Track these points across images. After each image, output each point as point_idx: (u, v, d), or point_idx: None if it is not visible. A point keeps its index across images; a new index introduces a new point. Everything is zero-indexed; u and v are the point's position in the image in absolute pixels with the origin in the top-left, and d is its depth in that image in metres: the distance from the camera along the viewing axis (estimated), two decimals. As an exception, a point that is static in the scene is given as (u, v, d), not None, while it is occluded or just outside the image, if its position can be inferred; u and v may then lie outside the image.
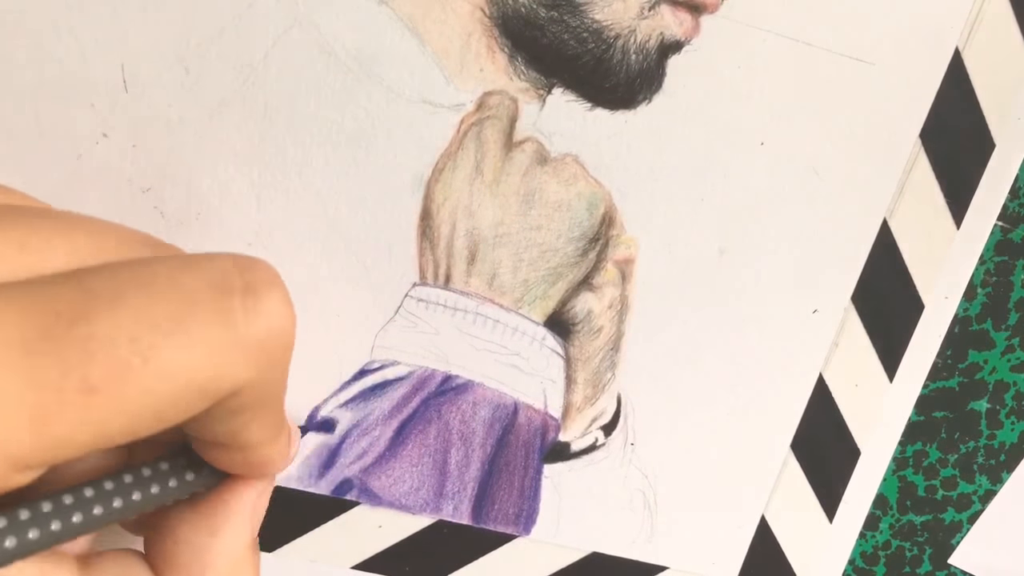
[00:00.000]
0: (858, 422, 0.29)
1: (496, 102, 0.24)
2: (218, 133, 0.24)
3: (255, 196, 0.24)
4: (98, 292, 0.13)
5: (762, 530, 0.30)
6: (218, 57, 0.23)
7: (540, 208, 0.25)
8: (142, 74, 0.23)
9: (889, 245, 0.27)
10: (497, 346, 0.27)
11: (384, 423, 0.27)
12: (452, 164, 0.25)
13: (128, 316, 0.13)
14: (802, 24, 0.24)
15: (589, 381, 0.28)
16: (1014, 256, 0.28)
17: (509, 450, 0.28)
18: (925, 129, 0.26)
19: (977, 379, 0.29)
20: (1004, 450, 0.31)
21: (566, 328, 0.27)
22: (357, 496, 0.28)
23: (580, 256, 0.26)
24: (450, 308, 0.26)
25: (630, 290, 0.27)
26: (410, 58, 0.24)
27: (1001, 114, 0.26)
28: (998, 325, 0.29)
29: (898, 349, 0.29)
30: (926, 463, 0.30)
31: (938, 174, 0.27)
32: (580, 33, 0.24)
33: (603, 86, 0.25)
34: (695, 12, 0.24)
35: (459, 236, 0.25)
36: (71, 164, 0.24)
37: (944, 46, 0.25)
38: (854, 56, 0.25)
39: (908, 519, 0.31)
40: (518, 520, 0.29)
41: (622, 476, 0.29)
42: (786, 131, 0.25)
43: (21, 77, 0.23)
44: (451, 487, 0.28)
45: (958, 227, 0.27)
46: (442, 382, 0.27)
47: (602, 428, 0.28)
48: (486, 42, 0.24)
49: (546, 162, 0.25)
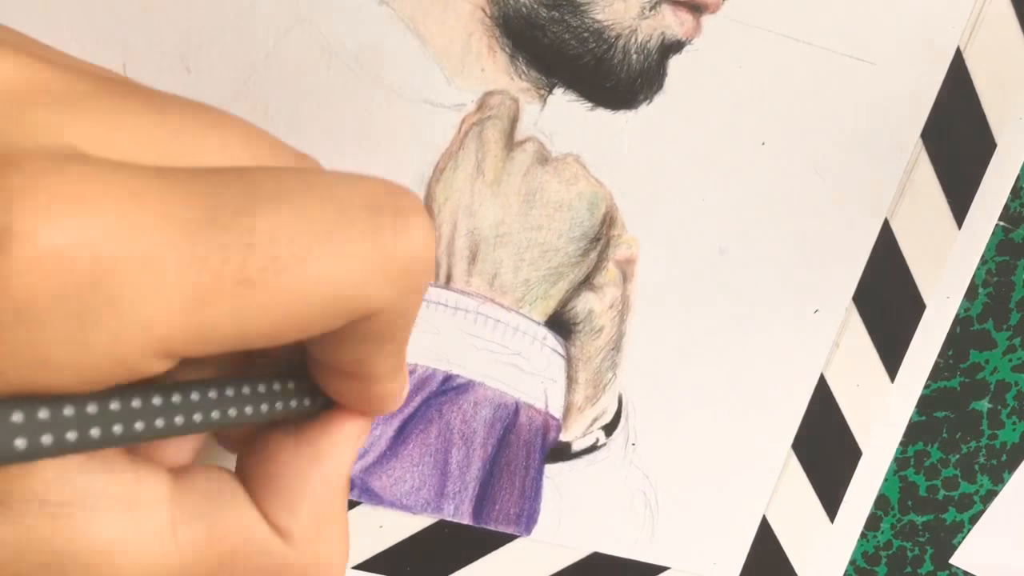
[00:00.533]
0: (859, 422, 0.29)
1: (497, 102, 0.24)
2: (219, 133, 0.24)
3: (256, 196, 0.24)
4: (262, 189, 0.13)
5: (763, 530, 0.30)
6: (219, 57, 0.23)
7: (541, 208, 0.25)
8: (142, 74, 0.23)
9: (890, 245, 0.27)
10: (498, 346, 0.27)
11: (385, 422, 0.27)
12: (453, 164, 0.25)
13: (289, 216, 0.13)
14: (803, 24, 0.24)
15: (590, 381, 0.28)
16: (1015, 256, 0.28)
17: (510, 450, 0.28)
18: (926, 129, 0.26)
19: (979, 379, 0.29)
20: (1006, 450, 0.31)
21: (567, 328, 0.27)
22: (358, 496, 0.28)
23: (581, 256, 0.26)
24: (451, 308, 0.26)
25: (631, 290, 0.27)
26: (411, 58, 0.24)
27: (1002, 114, 0.26)
28: (1000, 325, 0.29)
29: (899, 349, 0.29)
30: (927, 463, 0.30)
31: (939, 174, 0.27)
32: (581, 33, 0.24)
33: (604, 86, 0.25)
34: (696, 12, 0.24)
35: (460, 236, 0.25)
36: (72, 164, 0.24)
37: (945, 46, 0.25)
38: (855, 56, 0.25)
39: (909, 519, 0.31)
40: (519, 520, 0.29)
41: (623, 476, 0.29)
42: (787, 131, 0.25)
43: (22, 77, 0.23)
44: (452, 487, 0.28)
45: (959, 227, 0.27)
46: (443, 382, 0.27)
47: (603, 428, 0.28)
48: (487, 42, 0.24)
49: (547, 162, 0.25)
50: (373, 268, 0.14)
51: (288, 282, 0.13)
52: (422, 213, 0.15)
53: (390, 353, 0.17)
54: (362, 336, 0.15)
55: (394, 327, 0.16)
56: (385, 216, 0.14)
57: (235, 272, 0.13)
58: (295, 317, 0.14)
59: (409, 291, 0.15)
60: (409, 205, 0.15)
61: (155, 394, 0.14)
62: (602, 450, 0.28)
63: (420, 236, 0.15)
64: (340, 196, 0.14)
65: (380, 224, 0.14)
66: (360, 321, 0.15)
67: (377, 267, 0.14)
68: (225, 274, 0.12)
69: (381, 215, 0.14)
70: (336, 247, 0.14)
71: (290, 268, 0.13)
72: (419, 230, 0.15)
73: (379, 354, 0.16)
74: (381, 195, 0.15)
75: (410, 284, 0.15)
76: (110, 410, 0.13)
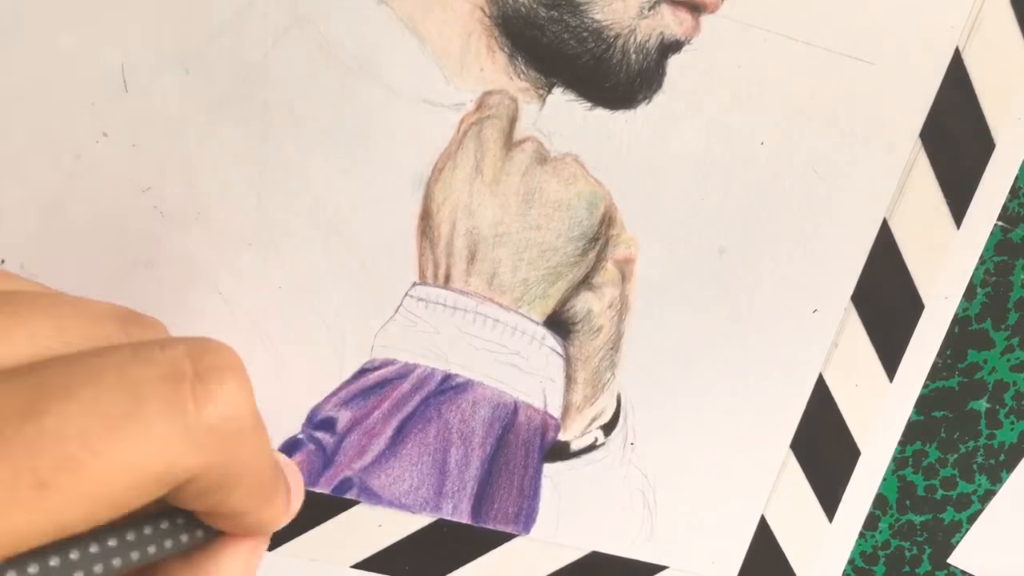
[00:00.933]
0: (858, 422, 0.29)
1: (496, 101, 0.24)
2: (218, 133, 0.24)
3: (255, 196, 0.24)
4: (49, 387, 0.14)
5: (762, 529, 0.30)
6: (218, 57, 0.23)
7: (540, 207, 0.25)
8: (142, 74, 0.23)
9: (889, 245, 0.27)
10: (497, 345, 0.27)
11: (384, 422, 0.27)
12: (452, 164, 0.25)
13: (77, 411, 0.13)
14: (802, 24, 0.24)
15: (589, 380, 0.28)
16: (1014, 256, 0.28)
17: (509, 449, 0.28)
18: (925, 129, 0.26)
19: (977, 379, 0.29)
20: (1003, 450, 0.31)
21: (566, 327, 0.27)
22: (357, 495, 0.28)
23: (580, 255, 0.26)
24: (450, 307, 0.26)
25: (630, 290, 0.27)
26: (410, 58, 0.24)
27: (1001, 114, 0.26)
28: (998, 325, 0.29)
29: (898, 349, 0.29)
30: (926, 463, 0.30)
31: (938, 174, 0.27)
32: (580, 33, 0.24)
33: (603, 85, 0.25)
34: (695, 12, 0.24)
35: (459, 235, 0.25)
36: (71, 164, 0.24)
37: (944, 46, 0.25)
38: (854, 56, 0.25)
39: (908, 519, 0.31)
40: (518, 519, 0.29)
41: (622, 475, 0.29)
42: (786, 131, 0.25)
43: (21, 77, 0.23)
44: (451, 486, 0.28)
45: (958, 227, 0.27)
46: (442, 381, 0.27)
47: (602, 427, 0.28)
48: (486, 42, 0.24)
49: (546, 161, 0.25)
50: (175, 441, 0.14)
51: (86, 477, 0.13)
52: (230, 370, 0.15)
53: (243, 495, 0.17)
54: (199, 492, 0.15)
55: (230, 478, 0.16)
56: (185, 385, 0.14)
57: (29, 480, 0.13)
58: (106, 502, 0.14)
59: (226, 449, 0.15)
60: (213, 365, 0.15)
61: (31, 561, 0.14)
62: (601, 449, 0.28)
63: (227, 396, 0.15)
64: (133, 376, 0.14)
65: (179, 396, 0.14)
66: (185, 484, 0.15)
67: (179, 439, 0.14)
68: (19, 484, 0.13)
69: (180, 385, 0.14)
70: (130, 430, 0.14)
71: (85, 463, 0.13)
72: (225, 390, 0.15)
73: (229, 499, 0.16)
74: (180, 362, 0.15)
75: (225, 444, 0.15)
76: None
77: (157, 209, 0.24)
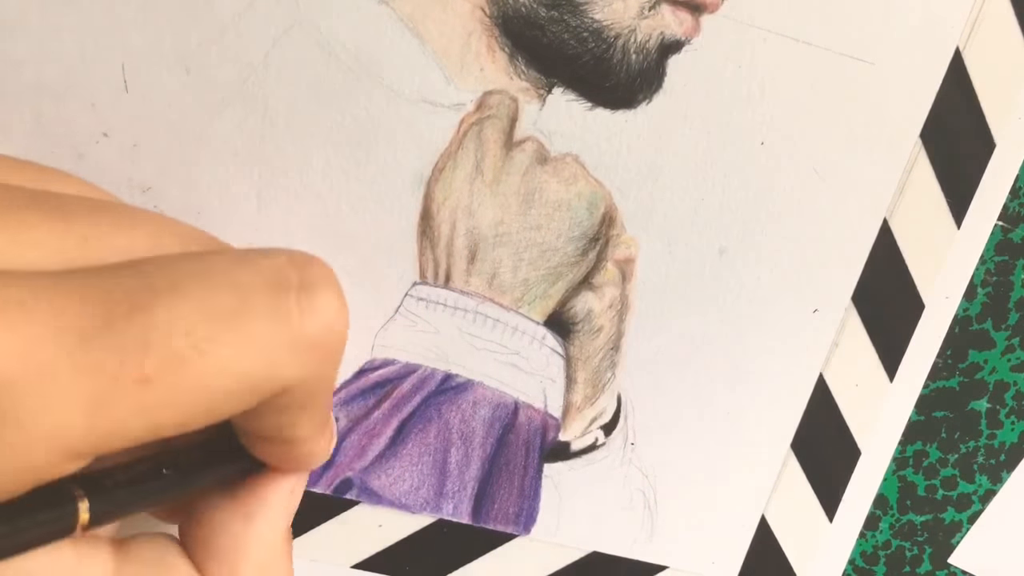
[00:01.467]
0: (858, 422, 0.29)
1: (496, 101, 0.24)
2: (218, 133, 0.24)
3: (255, 196, 0.24)
4: (157, 282, 0.13)
5: (762, 530, 0.30)
6: (218, 57, 0.23)
7: (540, 207, 0.25)
8: (142, 74, 0.23)
9: (889, 245, 0.27)
10: (497, 345, 0.27)
11: (384, 422, 0.27)
12: (452, 164, 0.25)
13: (185, 308, 0.13)
14: (802, 24, 0.24)
15: (589, 380, 0.28)
16: (1014, 256, 0.28)
17: (509, 449, 0.28)
18: (925, 129, 0.26)
19: (977, 379, 0.29)
20: (1004, 450, 0.31)
21: (566, 327, 0.27)
22: (357, 495, 0.28)
23: (580, 256, 0.26)
24: (450, 307, 0.26)
25: (630, 290, 0.27)
26: (410, 58, 0.24)
27: (1002, 114, 0.26)
28: (998, 325, 0.29)
29: (898, 349, 0.29)
30: (926, 463, 0.30)
31: (938, 174, 0.27)
32: (580, 32, 0.24)
33: (603, 85, 0.25)
34: (695, 11, 0.24)
35: (459, 235, 0.25)
36: (71, 164, 0.24)
37: (944, 45, 0.25)
38: (854, 56, 0.25)
39: (908, 519, 0.31)
40: (518, 519, 0.29)
41: (622, 475, 0.29)
42: (786, 131, 0.25)
43: (21, 77, 0.23)
44: (451, 486, 0.28)
45: (958, 227, 0.27)
46: (442, 381, 0.27)
47: (602, 428, 0.28)
48: (486, 41, 0.24)
49: (546, 161, 0.25)
50: (280, 348, 0.14)
51: (189, 375, 0.13)
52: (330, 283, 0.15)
53: (311, 417, 0.17)
54: (279, 408, 0.15)
55: (311, 396, 0.16)
56: (290, 293, 0.14)
57: (133, 372, 0.13)
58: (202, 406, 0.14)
59: (322, 363, 0.15)
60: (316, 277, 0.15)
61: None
62: (601, 449, 0.28)
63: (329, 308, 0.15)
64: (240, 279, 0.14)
65: (284, 303, 0.14)
66: (274, 396, 0.15)
67: (284, 346, 0.14)
68: (123, 376, 0.12)
69: (285, 293, 0.14)
70: (237, 333, 0.14)
71: (190, 361, 0.13)
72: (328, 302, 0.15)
73: (300, 420, 0.16)
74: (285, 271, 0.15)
75: (323, 357, 0.15)
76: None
77: (157, 209, 0.24)
